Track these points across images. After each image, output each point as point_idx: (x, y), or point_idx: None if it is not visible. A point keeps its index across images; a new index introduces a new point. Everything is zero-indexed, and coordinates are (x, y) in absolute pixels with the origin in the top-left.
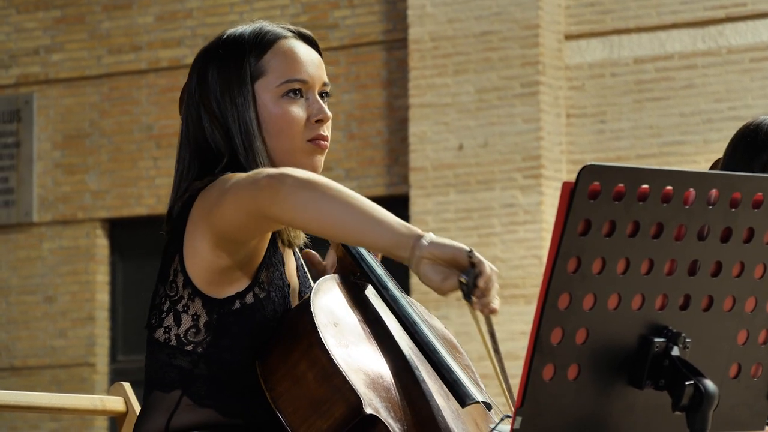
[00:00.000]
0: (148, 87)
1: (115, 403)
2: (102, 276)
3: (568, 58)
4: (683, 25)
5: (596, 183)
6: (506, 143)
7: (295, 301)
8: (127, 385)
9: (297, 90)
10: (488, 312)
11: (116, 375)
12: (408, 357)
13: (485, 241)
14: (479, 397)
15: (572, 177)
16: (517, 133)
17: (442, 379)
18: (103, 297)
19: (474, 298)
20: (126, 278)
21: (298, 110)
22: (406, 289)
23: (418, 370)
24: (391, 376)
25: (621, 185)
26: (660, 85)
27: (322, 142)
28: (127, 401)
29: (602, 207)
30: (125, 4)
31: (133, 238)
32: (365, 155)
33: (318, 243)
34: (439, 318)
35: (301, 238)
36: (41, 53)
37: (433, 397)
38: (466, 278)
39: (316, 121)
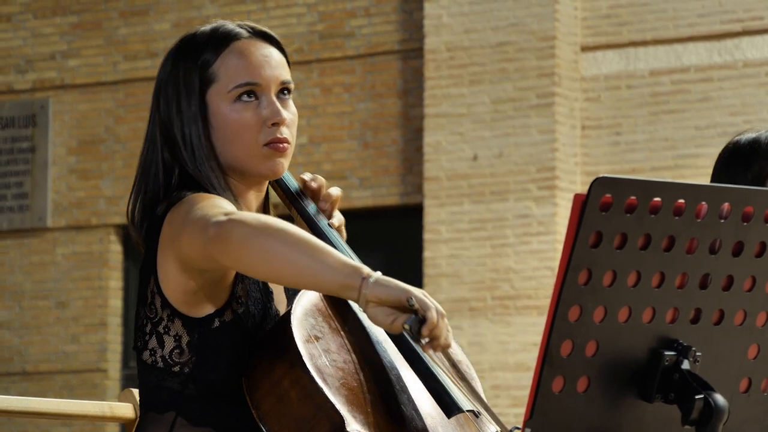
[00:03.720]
0: None
1: (124, 410)
2: (115, 282)
3: (584, 69)
4: (700, 38)
5: (608, 195)
6: (521, 154)
7: (279, 303)
8: (136, 392)
9: (250, 93)
10: (441, 350)
11: (128, 381)
12: (394, 366)
13: (498, 251)
14: (466, 406)
15: (587, 189)
16: (532, 144)
17: (427, 388)
18: (116, 303)
19: (423, 341)
20: None
21: (250, 115)
22: None
23: (404, 380)
24: (376, 389)
25: (633, 198)
26: (676, 97)
27: (280, 144)
28: (136, 408)
29: (614, 219)
30: (142, 11)
31: None
32: (380, 164)
33: None
34: (453, 328)
35: None
36: (57, 58)
37: (420, 408)
38: (409, 325)
39: (273, 124)
